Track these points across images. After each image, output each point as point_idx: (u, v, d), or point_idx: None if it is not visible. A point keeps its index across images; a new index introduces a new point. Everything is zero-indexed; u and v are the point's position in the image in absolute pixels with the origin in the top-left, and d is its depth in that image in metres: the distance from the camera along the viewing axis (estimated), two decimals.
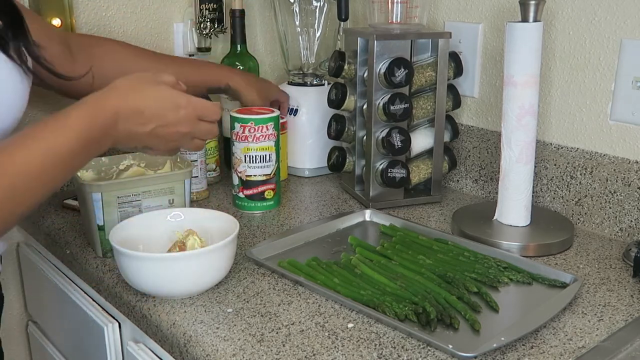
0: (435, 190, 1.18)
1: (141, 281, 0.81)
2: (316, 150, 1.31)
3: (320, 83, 1.35)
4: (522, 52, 0.95)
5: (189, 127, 0.80)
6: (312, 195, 1.22)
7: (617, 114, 1.01)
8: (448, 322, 0.76)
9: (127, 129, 0.75)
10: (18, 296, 1.28)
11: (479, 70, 1.20)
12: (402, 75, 1.08)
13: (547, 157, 1.09)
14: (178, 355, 0.77)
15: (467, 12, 1.20)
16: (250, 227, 1.06)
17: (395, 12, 1.14)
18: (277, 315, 0.79)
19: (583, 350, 0.72)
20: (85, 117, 0.71)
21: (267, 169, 1.11)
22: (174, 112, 0.78)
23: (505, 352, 0.71)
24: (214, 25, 1.35)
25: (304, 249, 0.99)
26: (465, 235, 1.00)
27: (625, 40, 0.98)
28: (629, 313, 0.80)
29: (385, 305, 0.78)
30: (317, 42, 1.34)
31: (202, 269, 0.81)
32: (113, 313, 0.96)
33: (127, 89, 0.76)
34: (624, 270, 0.91)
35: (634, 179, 0.98)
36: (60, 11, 1.16)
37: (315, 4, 1.32)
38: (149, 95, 0.77)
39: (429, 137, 1.17)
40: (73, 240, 1.01)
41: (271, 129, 1.09)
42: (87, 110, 0.72)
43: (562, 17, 1.05)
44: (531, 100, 0.97)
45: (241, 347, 0.72)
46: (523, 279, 0.87)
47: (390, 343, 0.73)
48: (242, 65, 1.32)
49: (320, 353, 0.71)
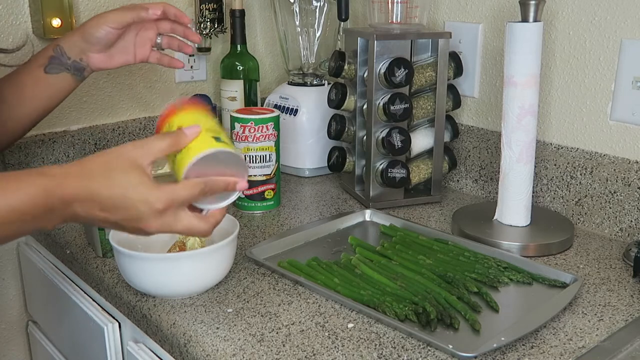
0: (435, 190, 1.18)
1: (141, 281, 0.81)
2: (316, 150, 1.31)
3: (320, 83, 1.35)
4: (522, 52, 0.95)
5: (158, 226, 0.67)
6: (312, 195, 1.22)
7: (617, 114, 1.01)
8: (448, 322, 0.76)
9: (86, 212, 0.65)
10: (18, 296, 1.28)
11: (479, 70, 1.20)
12: (402, 75, 1.08)
13: (547, 157, 1.09)
14: (178, 355, 0.77)
15: (467, 12, 1.20)
16: (250, 227, 1.06)
17: (395, 12, 1.14)
18: (277, 315, 0.79)
19: (583, 350, 0.72)
20: (41, 190, 0.63)
21: (267, 169, 1.11)
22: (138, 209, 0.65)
23: (505, 352, 0.71)
24: (214, 25, 1.35)
25: (304, 249, 0.99)
26: (466, 235, 1.00)
27: (625, 40, 0.98)
28: (629, 313, 0.80)
29: (385, 305, 0.78)
30: (317, 42, 1.34)
31: (202, 269, 0.81)
32: (113, 313, 0.96)
33: (93, 171, 0.65)
34: (624, 270, 0.91)
35: (634, 179, 0.98)
36: (60, 11, 1.16)
37: (315, 4, 1.32)
38: (115, 183, 0.65)
39: (429, 137, 1.17)
40: (73, 240, 1.01)
41: (271, 129, 1.09)
42: (45, 185, 0.63)
43: (562, 17, 1.05)
44: (531, 100, 0.97)
45: (241, 347, 0.72)
46: (523, 279, 0.87)
47: (391, 343, 0.73)
48: (242, 65, 1.32)
49: (320, 353, 0.71)
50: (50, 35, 1.16)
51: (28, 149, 1.18)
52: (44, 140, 1.20)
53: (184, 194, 0.67)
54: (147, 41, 0.98)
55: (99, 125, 1.29)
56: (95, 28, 0.93)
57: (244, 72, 1.33)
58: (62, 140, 1.23)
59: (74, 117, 1.26)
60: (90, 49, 0.95)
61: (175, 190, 0.67)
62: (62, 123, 1.25)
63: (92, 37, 0.94)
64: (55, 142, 1.22)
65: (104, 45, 0.95)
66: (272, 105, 1.35)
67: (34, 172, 0.64)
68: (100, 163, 0.66)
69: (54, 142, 1.22)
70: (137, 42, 0.98)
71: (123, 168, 0.65)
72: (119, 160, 0.66)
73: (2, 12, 1.14)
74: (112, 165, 0.65)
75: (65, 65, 0.95)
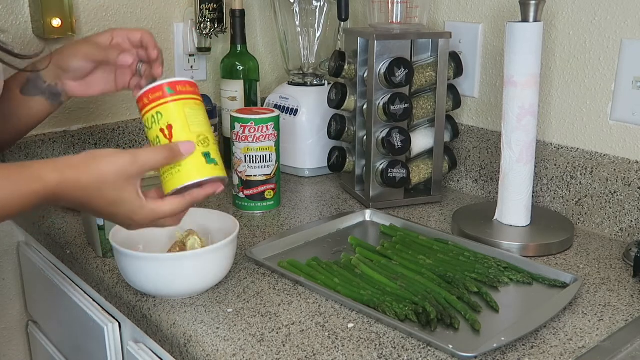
0: (435, 190, 1.18)
1: (141, 281, 0.81)
2: (316, 150, 1.31)
3: (320, 83, 1.35)
4: (522, 52, 0.95)
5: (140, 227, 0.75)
6: (312, 195, 1.22)
7: (617, 114, 1.01)
8: (448, 322, 0.76)
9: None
10: (18, 296, 1.28)
11: (479, 70, 1.20)
12: (402, 75, 1.08)
13: (547, 157, 1.09)
14: (178, 355, 0.77)
15: (467, 12, 1.20)
16: (250, 227, 1.06)
17: (395, 12, 1.14)
18: (278, 315, 0.79)
19: (583, 350, 0.72)
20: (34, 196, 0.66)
21: (267, 169, 1.11)
22: (124, 221, 0.73)
23: (505, 352, 0.71)
24: (214, 25, 1.35)
25: (304, 249, 0.99)
26: (466, 235, 1.00)
27: (625, 40, 0.98)
28: (629, 313, 0.80)
29: (385, 305, 0.78)
30: (317, 42, 1.34)
31: (202, 269, 0.81)
32: (113, 313, 0.96)
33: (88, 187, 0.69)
34: (624, 271, 0.91)
35: (634, 179, 0.98)
36: (61, 11, 1.16)
37: (316, 4, 1.32)
38: (106, 199, 0.70)
39: (429, 137, 1.17)
40: (73, 240, 1.01)
41: (271, 129, 1.09)
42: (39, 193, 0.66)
43: (562, 17, 1.05)
44: (531, 100, 0.97)
45: (241, 347, 0.72)
46: (523, 279, 0.87)
47: (391, 343, 0.73)
48: (242, 65, 1.32)
49: (321, 353, 0.71)
50: (50, 35, 1.16)
51: (28, 149, 1.18)
52: (44, 140, 1.20)
53: (168, 211, 0.73)
54: (127, 70, 0.92)
55: (99, 125, 1.29)
56: (70, 58, 0.90)
57: (244, 72, 1.32)
58: (62, 140, 1.23)
59: (74, 117, 1.26)
60: (65, 76, 0.91)
61: (162, 207, 0.72)
62: (62, 123, 1.25)
63: (66, 66, 0.90)
64: (55, 142, 1.22)
65: (79, 75, 0.91)
66: (272, 105, 1.35)
67: (31, 173, 0.66)
68: (95, 178, 0.68)
69: (54, 142, 1.22)
70: (118, 72, 0.92)
71: (115, 185, 0.69)
72: (113, 176, 0.69)
73: (2, 12, 1.14)
74: (106, 180, 0.69)
75: (41, 89, 0.92)
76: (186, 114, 0.74)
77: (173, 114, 0.73)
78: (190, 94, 0.75)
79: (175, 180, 0.73)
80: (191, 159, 0.73)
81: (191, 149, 0.73)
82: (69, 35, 1.19)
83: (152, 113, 0.74)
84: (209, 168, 0.74)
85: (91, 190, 0.68)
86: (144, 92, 0.74)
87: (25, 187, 0.65)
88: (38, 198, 0.66)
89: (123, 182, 0.69)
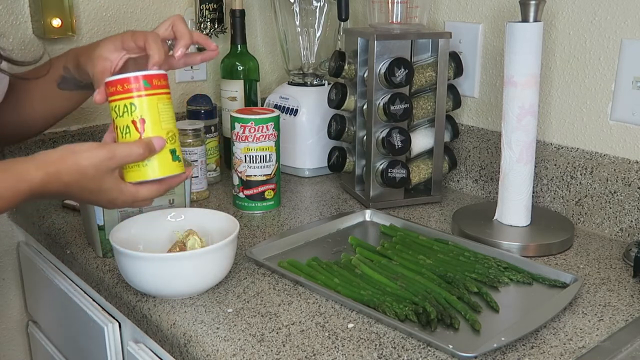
0: (435, 190, 1.18)
1: (141, 281, 0.81)
2: (316, 150, 1.31)
3: (320, 83, 1.35)
4: (522, 52, 0.95)
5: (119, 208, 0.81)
6: (312, 195, 1.22)
7: (617, 114, 1.01)
8: (448, 322, 0.76)
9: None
10: (18, 296, 1.28)
11: (479, 70, 1.20)
12: (402, 75, 1.08)
13: (547, 157, 1.09)
14: (178, 356, 0.77)
15: (467, 12, 1.20)
16: (250, 227, 1.06)
17: (395, 12, 1.14)
18: (278, 316, 0.79)
19: (583, 350, 0.72)
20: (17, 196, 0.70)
21: (267, 169, 1.11)
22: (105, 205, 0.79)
23: (505, 352, 0.71)
24: (214, 25, 1.35)
25: (304, 249, 0.99)
26: (466, 235, 1.00)
27: (625, 40, 0.98)
28: (629, 313, 0.80)
29: (385, 305, 0.78)
30: (317, 42, 1.34)
31: (202, 269, 0.81)
32: (113, 313, 0.96)
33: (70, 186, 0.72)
34: (624, 271, 0.91)
35: (634, 179, 0.98)
36: (61, 11, 1.16)
37: (316, 4, 1.32)
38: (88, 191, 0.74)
39: (429, 137, 1.17)
40: (73, 240, 1.01)
41: (271, 129, 1.09)
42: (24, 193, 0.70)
43: (562, 17, 1.05)
44: (531, 100, 0.97)
45: (241, 347, 0.72)
46: (523, 279, 0.87)
47: (391, 343, 0.73)
48: (242, 65, 1.32)
49: (321, 353, 0.71)
50: (50, 36, 1.16)
51: (28, 149, 1.18)
52: (44, 140, 1.20)
53: (147, 195, 0.78)
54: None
55: (99, 125, 1.29)
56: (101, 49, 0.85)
57: (244, 72, 1.32)
58: (62, 140, 1.23)
59: (74, 117, 1.26)
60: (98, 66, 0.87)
61: (141, 192, 0.77)
62: (62, 123, 1.24)
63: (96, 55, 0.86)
64: (55, 142, 1.22)
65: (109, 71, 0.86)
66: (272, 105, 1.35)
67: (15, 175, 0.69)
68: (75, 172, 0.72)
69: (54, 142, 1.22)
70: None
71: (95, 178, 0.73)
72: (92, 170, 0.72)
73: (2, 12, 1.14)
74: (86, 174, 0.72)
75: (77, 84, 0.93)
76: (159, 109, 0.76)
77: (147, 109, 0.75)
78: (164, 87, 0.77)
79: (142, 173, 0.76)
80: (159, 155, 0.75)
81: (163, 145, 0.75)
82: (69, 35, 1.19)
83: (126, 103, 0.75)
84: (174, 165, 0.77)
85: (72, 183, 0.72)
86: (119, 79, 0.75)
87: (11, 190, 0.69)
88: (24, 197, 0.70)
89: (102, 174, 0.73)
